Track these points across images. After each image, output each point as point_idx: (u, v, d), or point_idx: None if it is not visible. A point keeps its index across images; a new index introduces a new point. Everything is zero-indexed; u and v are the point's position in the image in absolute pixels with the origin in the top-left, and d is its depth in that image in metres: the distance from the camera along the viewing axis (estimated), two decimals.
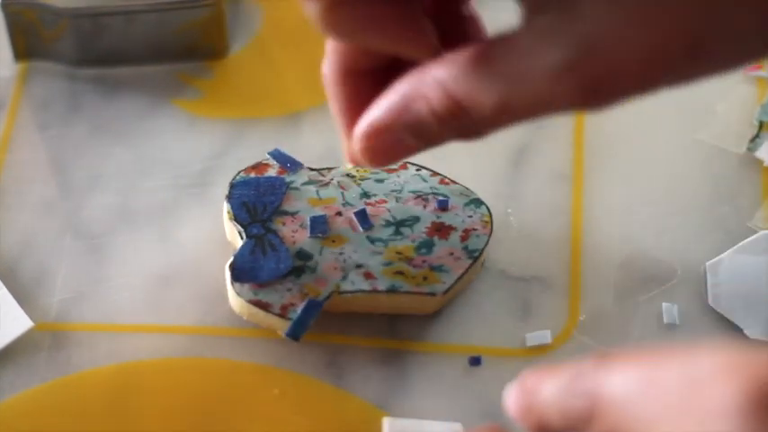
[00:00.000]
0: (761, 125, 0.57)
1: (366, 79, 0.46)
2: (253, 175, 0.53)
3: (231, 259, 0.51)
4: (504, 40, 0.42)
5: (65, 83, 0.60)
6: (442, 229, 0.52)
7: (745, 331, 0.51)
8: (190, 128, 0.58)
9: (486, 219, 0.53)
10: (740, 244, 0.53)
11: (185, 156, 0.57)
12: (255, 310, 0.50)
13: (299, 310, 0.50)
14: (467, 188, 0.53)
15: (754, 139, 0.56)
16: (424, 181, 0.54)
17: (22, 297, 0.53)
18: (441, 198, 0.53)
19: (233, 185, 0.53)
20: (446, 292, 0.51)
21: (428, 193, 0.53)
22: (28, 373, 0.51)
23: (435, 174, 0.54)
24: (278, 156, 0.54)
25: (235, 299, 0.50)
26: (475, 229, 0.52)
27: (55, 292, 0.53)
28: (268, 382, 0.50)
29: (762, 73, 0.59)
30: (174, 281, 0.53)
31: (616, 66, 0.40)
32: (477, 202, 0.53)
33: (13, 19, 0.59)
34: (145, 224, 0.55)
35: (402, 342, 0.51)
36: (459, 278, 0.51)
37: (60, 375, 0.51)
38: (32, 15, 0.59)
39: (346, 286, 0.50)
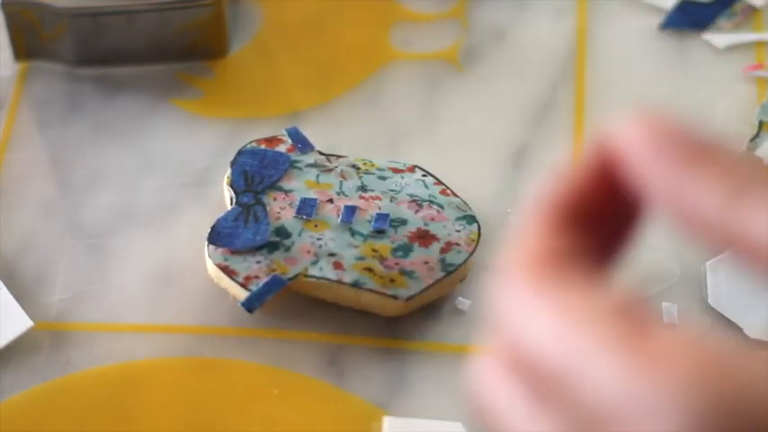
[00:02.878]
0: (761, 125, 0.57)
1: None
2: (263, 146, 0.54)
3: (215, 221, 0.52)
4: None
5: (65, 83, 0.60)
6: (425, 237, 0.52)
7: (745, 331, 0.51)
8: (190, 127, 0.58)
9: (474, 237, 0.52)
10: None
11: (185, 155, 0.57)
12: (222, 274, 0.50)
13: (261, 283, 0.50)
14: (466, 203, 0.53)
15: (754, 139, 0.56)
16: (426, 187, 0.53)
17: (22, 296, 0.52)
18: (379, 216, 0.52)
19: (240, 153, 0.54)
20: (409, 298, 0.50)
21: (424, 200, 0.53)
22: (28, 373, 0.51)
23: (439, 182, 0.54)
24: (293, 133, 0.55)
25: (208, 260, 0.51)
26: (458, 245, 0.52)
27: (55, 291, 0.53)
28: (268, 382, 0.50)
29: (762, 73, 0.59)
30: (173, 280, 0.53)
31: None
32: (470, 219, 0.52)
33: (13, 19, 0.59)
34: (145, 223, 0.55)
35: (402, 342, 0.51)
36: (427, 288, 0.50)
37: (60, 375, 0.51)
38: (32, 15, 0.59)
39: (314, 271, 0.50)
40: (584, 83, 0.59)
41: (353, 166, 0.54)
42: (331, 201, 0.53)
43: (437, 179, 0.54)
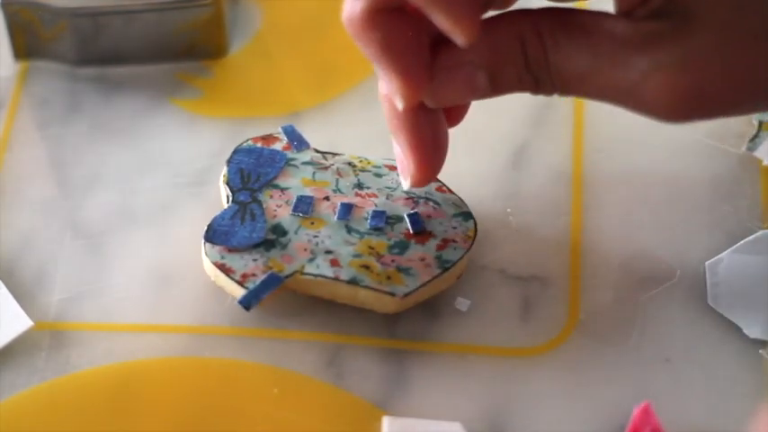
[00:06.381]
0: (760, 124, 0.57)
1: (400, 17, 0.45)
2: (259, 145, 0.54)
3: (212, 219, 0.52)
4: (609, 21, 0.43)
5: (65, 82, 0.60)
6: (421, 234, 0.52)
7: (745, 331, 0.51)
8: (189, 127, 0.58)
9: (470, 234, 0.52)
10: (740, 244, 0.53)
11: (185, 155, 0.57)
12: (219, 272, 0.50)
13: (258, 281, 0.50)
14: (462, 200, 0.53)
15: (754, 139, 0.56)
16: None
17: (22, 296, 0.53)
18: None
19: (236, 151, 0.54)
20: (406, 295, 0.50)
21: (420, 197, 0.53)
22: (27, 373, 0.51)
23: (435, 179, 0.54)
24: (289, 132, 0.55)
25: (204, 258, 0.51)
26: (454, 241, 0.52)
27: (54, 291, 0.53)
28: (268, 381, 0.50)
29: None
30: (173, 280, 0.53)
31: (708, 82, 0.42)
32: (467, 216, 0.53)
33: (13, 18, 0.59)
34: (144, 223, 0.55)
35: (402, 342, 0.51)
36: (423, 285, 0.50)
37: (60, 375, 0.51)
38: (32, 15, 0.59)
39: (310, 269, 0.51)
40: None
41: (349, 164, 0.54)
42: (327, 198, 0.53)
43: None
